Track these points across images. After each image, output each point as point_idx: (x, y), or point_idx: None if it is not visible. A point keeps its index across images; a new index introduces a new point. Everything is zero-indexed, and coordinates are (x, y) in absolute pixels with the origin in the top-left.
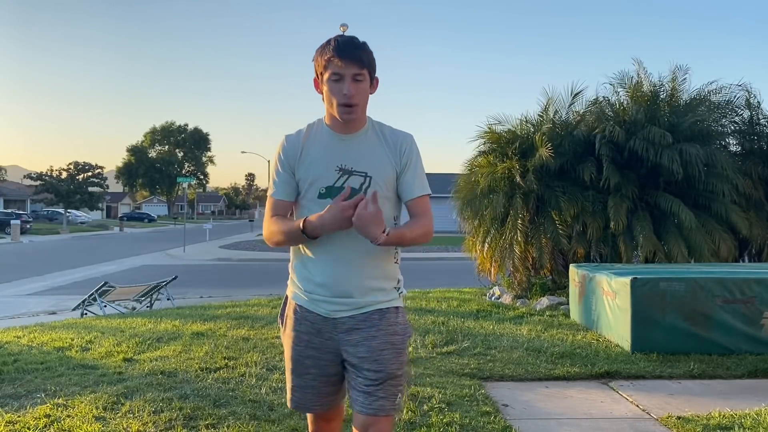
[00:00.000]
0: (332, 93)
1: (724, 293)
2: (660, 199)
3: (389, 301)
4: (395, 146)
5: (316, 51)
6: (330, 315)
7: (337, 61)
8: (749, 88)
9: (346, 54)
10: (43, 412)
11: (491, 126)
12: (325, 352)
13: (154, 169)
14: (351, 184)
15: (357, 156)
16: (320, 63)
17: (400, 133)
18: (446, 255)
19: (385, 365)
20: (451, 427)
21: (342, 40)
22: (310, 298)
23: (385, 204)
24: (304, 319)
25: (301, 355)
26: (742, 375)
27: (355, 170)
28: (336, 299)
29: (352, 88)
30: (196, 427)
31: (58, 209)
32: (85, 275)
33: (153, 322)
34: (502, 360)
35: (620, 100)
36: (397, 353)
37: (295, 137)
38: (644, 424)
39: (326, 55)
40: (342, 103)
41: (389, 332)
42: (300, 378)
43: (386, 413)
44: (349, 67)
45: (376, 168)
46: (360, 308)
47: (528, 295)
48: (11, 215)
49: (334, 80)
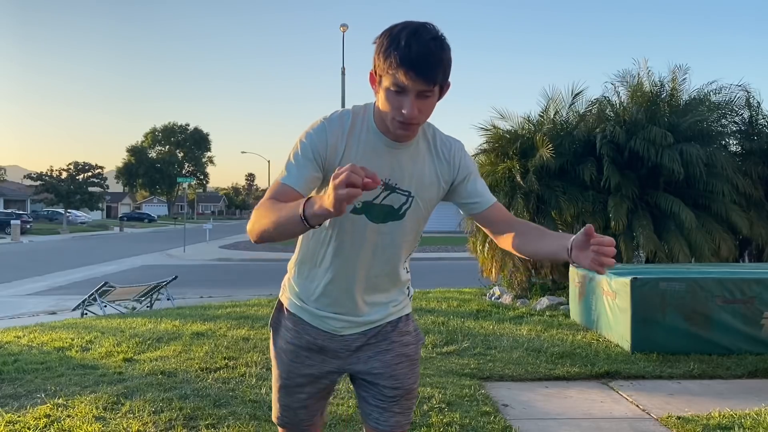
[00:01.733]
0: (390, 104)
1: (724, 293)
2: (660, 199)
3: (401, 309)
4: (449, 159)
5: (380, 41)
6: (337, 332)
7: (402, 76)
8: (749, 88)
9: (419, 73)
10: (43, 412)
11: (494, 122)
12: (326, 371)
13: (154, 169)
14: (391, 201)
15: (404, 171)
16: (381, 64)
17: (450, 141)
18: (446, 255)
19: (401, 380)
20: (451, 427)
21: (415, 50)
22: (316, 314)
23: (420, 224)
24: (305, 334)
25: (294, 373)
26: (742, 375)
27: (398, 187)
28: (347, 317)
29: (416, 106)
30: (196, 427)
31: (58, 209)
32: (85, 275)
33: (153, 322)
34: (502, 360)
35: (621, 100)
36: (413, 365)
37: (339, 126)
38: (644, 424)
39: (392, 63)
40: (398, 119)
41: (402, 343)
42: (291, 397)
43: (402, 428)
44: (416, 84)
45: (422, 188)
46: (371, 323)
47: (528, 295)
48: (11, 215)
49: (395, 92)
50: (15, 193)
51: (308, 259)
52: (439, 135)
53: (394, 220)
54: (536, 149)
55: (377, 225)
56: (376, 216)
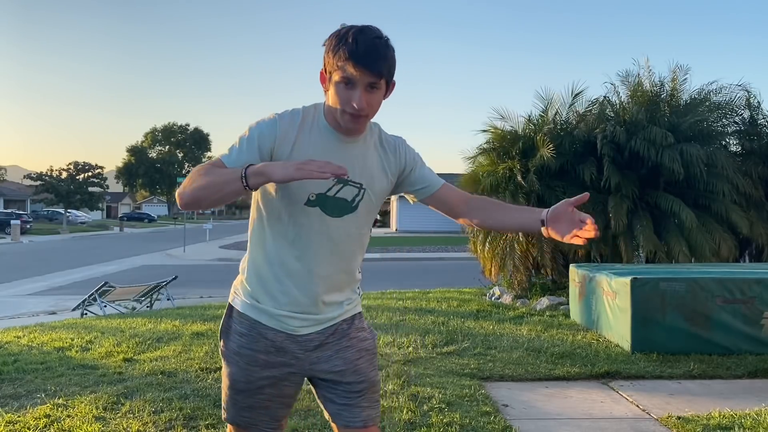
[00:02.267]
0: (339, 98)
1: (724, 293)
2: (660, 199)
3: (354, 307)
4: (394, 152)
5: (329, 42)
6: (295, 332)
7: (351, 67)
8: (749, 88)
9: (366, 63)
10: (43, 412)
11: (495, 123)
12: (287, 372)
13: (154, 169)
14: (344, 195)
15: (355, 164)
16: (330, 61)
17: (394, 137)
18: (446, 255)
19: (365, 374)
20: (451, 427)
21: (363, 42)
22: (272, 313)
23: (371, 217)
24: (262, 337)
25: (254, 376)
26: (742, 375)
27: (351, 180)
28: (305, 315)
29: (365, 99)
30: (196, 427)
31: (58, 209)
32: (85, 275)
33: (153, 322)
34: (502, 360)
35: (621, 99)
36: (372, 359)
37: (290, 121)
38: (644, 424)
39: (340, 57)
40: (348, 111)
41: (360, 339)
42: (252, 399)
43: (373, 422)
44: (365, 76)
45: (372, 179)
46: (329, 321)
47: (528, 295)
48: (11, 215)
49: (345, 85)
50: (15, 193)
51: (264, 258)
52: (383, 132)
53: (348, 213)
54: (537, 149)
55: (333, 219)
56: (332, 210)
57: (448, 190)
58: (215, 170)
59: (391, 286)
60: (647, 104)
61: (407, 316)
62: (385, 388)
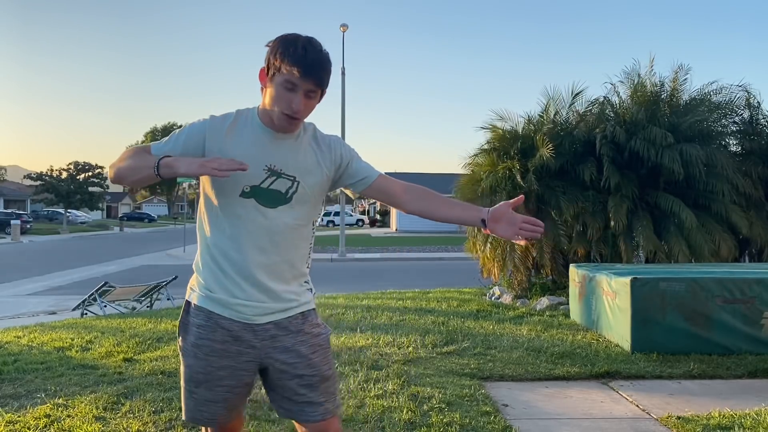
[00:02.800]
0: (279, 99)
1: (724, 293)
2: (660, 199)
3: (308, 303)
4: (329, 149)
5: (276, 44)
6: (250, 321)
7: (296, 74)
8: (749, 89)
9: (311, 74)
10: (43, 412)
11: (494, 123)
12: (243, 361)
13: None
14: (278, 186)
15: (288, 158)
16: (276, 63)
17: (329, 135)
18: (446, 255)
19: (318, 368)
20: (451, 427)
21: (310, 55)
22: (226, 302)
23: (310, 211)
24: (218, 327)
25: (213, 366)
26: (742, 375)
27: (284, 173)
28: (255, 303)
29: (303, 103)
30: (196, 427)
31: (58, 209)
32: (85, 275)
33: (153, 322)
34: (502, 360)
35: (621, 99)
36: (326, 354)
37: (221, 120)
38: (644, 424)
39: (287, 62)
40: (285, 113)
41: (314, 334)
42: (211, 391)
43: (332, 414)
44: (307, 84)
45: (306, 173)
46: (282, 312)
47: (528, 295)
48: (11, 215)
49: (286, 88)
50: (15, 193)
51: (209, 251)
52: (318, 131)
53: (282, 204)
54: (536, 149)
55: (268, 210)
56: (266, 200)
57: (385, 180)
58: (141, 155)
59: (391, 286)
60: (647, 104)
61: (407, 316)
62: (385, 388)
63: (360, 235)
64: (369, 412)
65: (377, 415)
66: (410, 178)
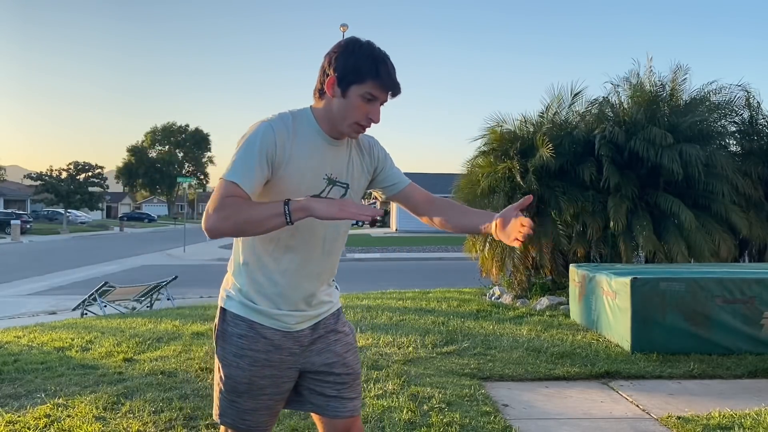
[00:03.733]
0: (356, 109)
1: (724, 293)
2: (660, 199)
3: (337, 302)
4: (370, 152)
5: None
6: (291, 329)
7: (378, 89)
8: (749, 88)
9: (392, 88)
10: (43, 412)
11: (492, 127)
12: (285, 369)
13: (154, 169)
14: (333, 195)
15: (342, 165)
16: (350, 75)
17: (368, 137)
18: (446, 255)
19: (352, 366)
20: (451, 427)
21: (392, 70)
22: (269, 314)
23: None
24: (261, 337)
25: (257, 375)
26: (742, 375)
27: (338, 180)
28: (299, 313)
29: (379, 114)
30: (196, 427)
31: (58, 209)
32: (85, 275)
33: (153, 322)
34: (502, 360)
35: (620, 100)
36: (356, 351)
37: (284, 128)
38: (644, 424)
39: (371, 76)
40: (362, 124)
41: (345, 333)
42: (255, 400)
43: (359, 413)
44: (387, 96)
45: (355, 179)
46: (319, 317)
47: (528, 295)
48: (11, 215)
49: (366, 99)
50: (15, 193)
51: (257, 260)
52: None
53: None
54: (536, 149)
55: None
56: None
57: (414, 189)
58: (248, 205)
59: (391, 286)
60: (647, 104)
61: (407, 316)
62: (385, 388)
63: (360, 235)
64: (369, 412)
65: (377, 415)
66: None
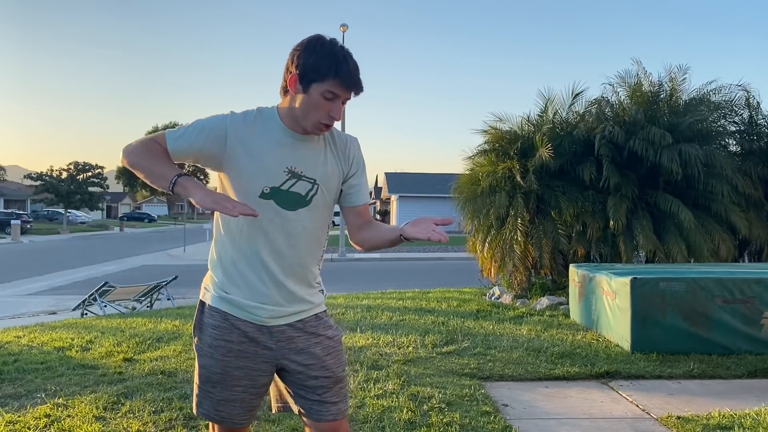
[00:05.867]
0: (317, 108)
1: (724, 293)
2: (660, 199)
3: (321, 304)
4: (344, 151)
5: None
6: (265, 323)
7: (339, 86)
8: (749, 88)
9: (354, 85)
10: (43, 412)
11: (493, 125)
12: (260, 362)
13: None
14: (298, 189)
15: (308, 160)
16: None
17: (347, 136)
18: (446, 255)
19: (332, 369)
20: (451, 427)
21: (353, 69)
22: (241, 304)
23: (326, 214)
24: (234, 328)
25: (230, 366)
26: (742, 375)
27: (304, 175)
28: (270, 306)
29: (341, 112)
30: (196, 427)
31: (58, 209)
32: (85, 275)
33: (153, 322)
34: (502, 360)
35: (620, 100)
36: (338, 355)
37: (243, 117)
38: (644, 424)
39: (330, 75)
40: (324, 122)
41: (327, 336)
42: (228, 391)
43: (343, 416)
44: (348, 94)
45: (325, 177)
46: (297, 314)
47: (528, 295)
48: (11, 215)
49: (326, 98)
50: (15, 193)
51: (225, 251)
52: (336, 130)
53: (302, 206)
54: (536, 149)
55: (287, 212)
56: (285, 202)
57: (366, 211)
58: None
59: (391, 286)
60: (646, 104)
61: (407, 316)
62: (384, 388)
63: None
64: (369, 412)
65: (377, 415)
66: (410, 177)
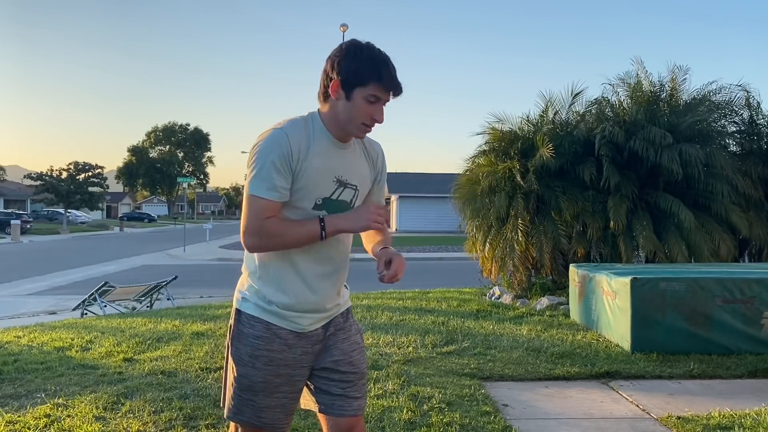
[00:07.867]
0: (360, 111)
1: (724, 293)
2: (660, 199)
3: (347, 301)
4: (374, 157)
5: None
6: (304, 330)
7: (382, 90)
8: (749, 88)
9: (395, 89)
10: (43, 412)
11: (493, 125)
12: (298, 367)
13: (154, 169)
14: (344, 197)
15: (350, 168)
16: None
17: (375, 143)
18: (446, 255)
19: (358, 365)
20: (451, 427)
21: (394, 72)
22: (285, 315)
23: None
24: (276, 337)
25: (272, 374)
26: (742, 375)
27: (348, 182)
28: (313, 314)
29: (383, 114)
30: (196, 427)
31: (58, 209)
32: (85, 275)
33: (153, 322)
34: (502, 360)
35: (620, 100)
36: (362, 351)
37: (297, 134)
38: (644, 424)
39: (375, 78)
40: (368, 124)
41: (353, 332)
42: (271, 398)
43: (362, 412)
44: (389, 96)
45: (363, 181)
46: (331, 317)
47: (528, 295)
48: (11, 215)
49: (370, 102)
50: (15, 193)
51: (273, 261)
52: (367, 137)
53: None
54: (536, 149)
55: None
56: (335, 211)
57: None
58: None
59: (391, 285)
60: (646, 104)
61: (407, 316)
62: (385, 388)
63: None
64: (369, 412)
65: (377, 415)
66: (410, 177)
